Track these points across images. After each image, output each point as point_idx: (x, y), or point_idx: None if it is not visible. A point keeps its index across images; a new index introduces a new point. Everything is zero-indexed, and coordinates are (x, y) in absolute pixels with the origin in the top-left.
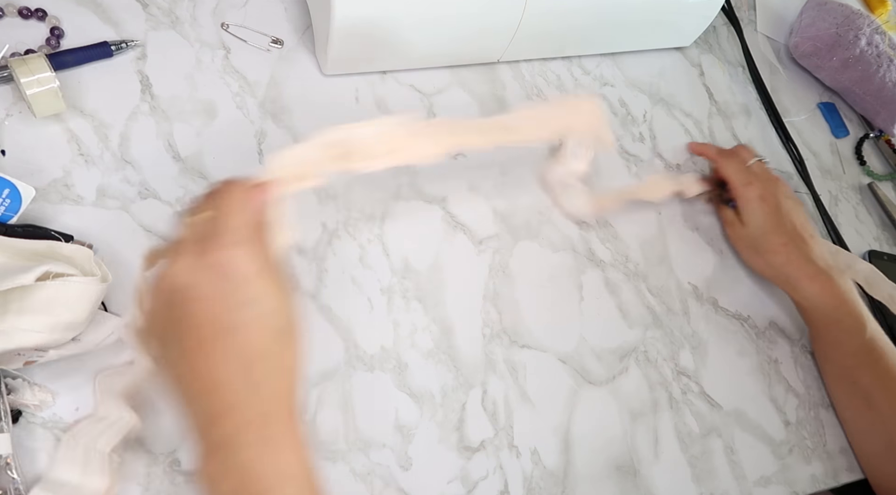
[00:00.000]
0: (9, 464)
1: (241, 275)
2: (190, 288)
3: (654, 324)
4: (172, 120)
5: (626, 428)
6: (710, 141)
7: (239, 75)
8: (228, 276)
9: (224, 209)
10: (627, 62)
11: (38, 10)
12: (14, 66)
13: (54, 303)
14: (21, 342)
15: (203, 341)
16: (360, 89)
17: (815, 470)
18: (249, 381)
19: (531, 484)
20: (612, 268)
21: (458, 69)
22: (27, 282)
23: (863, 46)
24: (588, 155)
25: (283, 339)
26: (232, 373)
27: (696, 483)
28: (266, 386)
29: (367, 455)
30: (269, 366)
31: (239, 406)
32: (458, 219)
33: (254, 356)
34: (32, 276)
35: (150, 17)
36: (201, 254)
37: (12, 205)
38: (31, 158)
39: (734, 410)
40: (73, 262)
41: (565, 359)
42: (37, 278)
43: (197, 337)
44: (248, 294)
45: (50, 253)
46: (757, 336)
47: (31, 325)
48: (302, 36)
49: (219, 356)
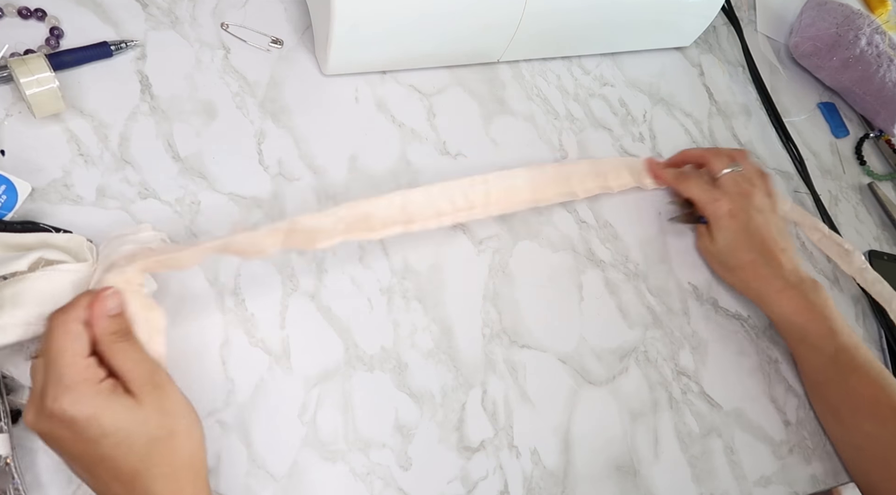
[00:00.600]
0: (8, 465)
1: (80, 419)
2: (45, 436)
3: (654, 324)
4: (172, 120)
5: (626, 428)
6: (710, 141)
7: (239, 75)
8: (69, 424)
9: (51, 353)
10: (627, 62)
11: (37, 10)
12: (13, 66)
13: (47, 293)
14: (18, 336)
15: (84, 471)
16: (359, 89)
17: (815, 470)
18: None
19: (531, 485)
20: (612, 268)
21: (458, 69)
22: (21, 267)
23: (863, 46)
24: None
25: (160, 444)
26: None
27: (696, 483)
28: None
29: (367, 455)
30: (151, 477)
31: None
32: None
33: (131, 475)
34: (26, 262)
35: (149, 17)
36: (40, 408)
37: (8, 201)
38: (30, 158)
39: (734, 410)
40: (68, 251)
41: (565, 359)
42: (30, 264)
43: (79, 467)
44: (95, 431)
45: (43, 244)
46: (757, 336)
47: (24, 318)
48: (302, 36)
49: (100, 483)
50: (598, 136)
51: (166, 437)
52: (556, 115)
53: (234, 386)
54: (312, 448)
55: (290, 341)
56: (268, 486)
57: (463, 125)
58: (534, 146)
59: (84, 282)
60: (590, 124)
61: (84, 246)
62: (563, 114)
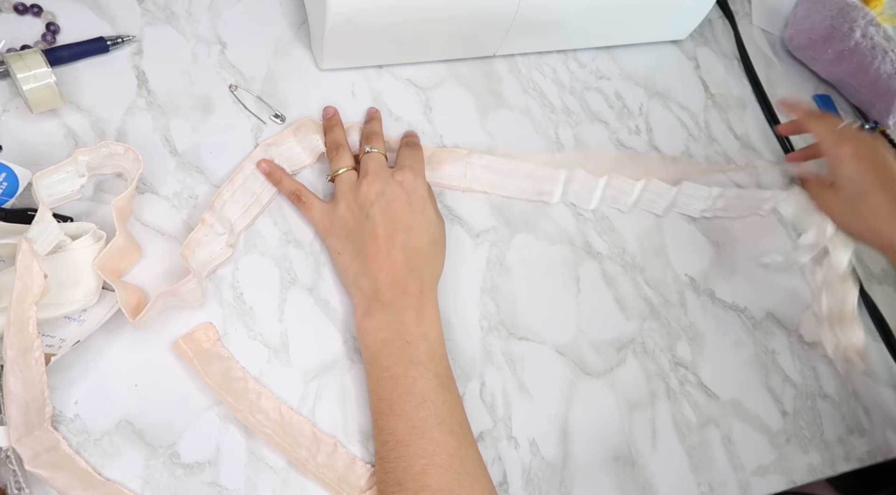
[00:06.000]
0: (8, 457)
1: (418, 192)
2: (382, 194)
3: (652, 315)
4: (169, 115)
5: (624, 419)
6: (706, 134)
7: (235, 70)
8: (409, 191)
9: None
10: (623, 55)
11: (33, 6)
12: (10, 61)
13: (83, 267)
14: (65, 310)
15: (388, 233)
16: (356, 83)
17: (812, 459)
18: (412, 267)
19: (530, 475)
20: (610, 261)
21: (454, 63)
22: (58, 238)
23: (857, 39)
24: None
25: (435, 245)
26: (401, 259)
27: (693, 473)
28: (423, 273)
29: (367, 447)
30: (425, 259)
31: (402, 283)
32: (455, 212)
33: (417, 250)
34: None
35: (145, 13)
36: (394, 174)
37: (9, 188)
38: (28, 153)
39: (731, 401)
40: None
41: (563, 350)
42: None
43: (382, 230)
44: (421, 206)
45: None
46: (754, 327)
47: (73, 296)
48: (298, 31)
49: (395, 246)
50: (594, 130)
51: (439, 243)
52: (553, 109)
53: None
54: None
55: (289, 334)
56: (267, 478)
57: (459, 119)
58: (530, 140)
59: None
60: (586, 118)
61: (94, 230)
62: (560, 107)
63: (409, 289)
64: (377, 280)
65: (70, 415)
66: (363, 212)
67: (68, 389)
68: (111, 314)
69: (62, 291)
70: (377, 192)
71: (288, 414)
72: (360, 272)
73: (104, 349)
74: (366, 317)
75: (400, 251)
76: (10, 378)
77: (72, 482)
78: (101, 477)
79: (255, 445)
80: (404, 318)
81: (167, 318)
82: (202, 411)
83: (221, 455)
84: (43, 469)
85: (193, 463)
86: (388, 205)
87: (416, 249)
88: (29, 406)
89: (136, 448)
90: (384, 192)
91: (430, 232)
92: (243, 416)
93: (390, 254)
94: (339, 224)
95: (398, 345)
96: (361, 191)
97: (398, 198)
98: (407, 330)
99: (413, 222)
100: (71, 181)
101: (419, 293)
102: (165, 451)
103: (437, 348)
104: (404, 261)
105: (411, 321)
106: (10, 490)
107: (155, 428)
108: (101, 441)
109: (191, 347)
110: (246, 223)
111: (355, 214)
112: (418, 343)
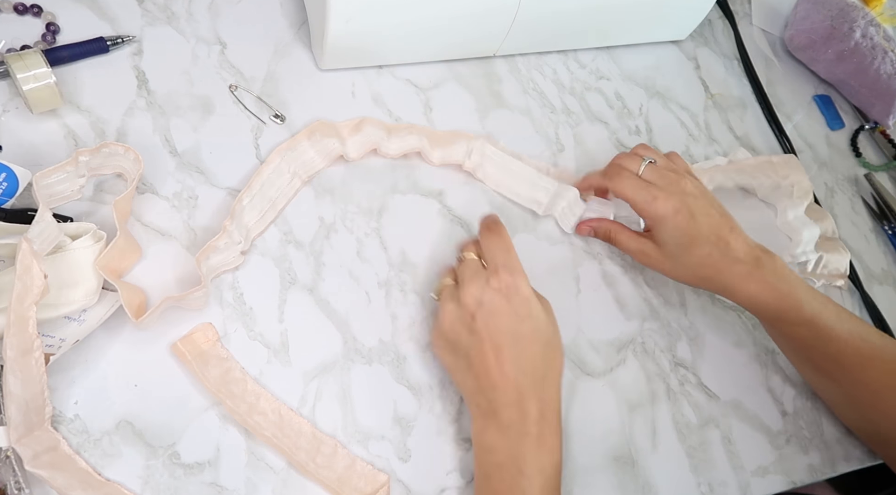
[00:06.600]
0: (8, 457)
1: (522, 295)
2: (485, 304)
3: (652, 315)
4: (169, 115)
5: (624, 420)
6: (706, 134)
7: (235, 70)
8: (512, 297)
9: (504, 245)
10: (623, 56)
11: (33, 6)
12: (10, 61)
13: (83, 268)
14: (65, 310)
15: (495, 347)
16: (356, 84)
17: (812, 459)
18: (529, 382)
19: None
20: (609, 261)
21: (454, 63)
22: (58, 238)
23: (857, 39)
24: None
25: (549, 347)
26: (515, 374)
27: (693, 473)
28: (542, 389)
29: (367, 447)
30: (542, 370)
31: (521, 402)
32: (454, 213)
33: (532, 360)
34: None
35: (145, 13)
36: (489, 280)
37: (9, 188)
38: (28, 153)
39: (731, 401)
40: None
41: (563, 350)
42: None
43: (491, 343)
44: (527, 310)
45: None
46: (753, 327)
47: (73, 296)
48: (298, 31)
49: (505, 360)
50: (594, 130)
51: (555, 346)
52: (553, 109)
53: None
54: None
55: (289, 334)
56: (267, 478)
57: (459, 119)
58: (530, 140)
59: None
60: (586, 118)
61: (94, 230)
62: (560, 107)
63: (528, 412)
64: (493, 400)
65: (70, 415)
66: (465, 327)
67: (68, 389)
68: (111, 314)
69: (62, 291)
70: (476, 302)
71: (287, 415)
72: (476, 390)
73: (104, 349)
74: (483, 433)
75: (512, 365)
76: (9, 378)
77: (72, 482)
78: (101, 478)
79: (255, 445)
80: (522, 447)
81: (167, 319)
82: (202, 411)
83: (221, 455)
84: (43, 469)
85: (193, 464)
86: (490, 316)
87: (530, 360)
88: (29, 406)
89: (136, 448)
90: (483, 303)
91: (541, 336)
92: (242, 419)
93: (502, 371)
94: (443, 339)
95: (511, 473)
96: (461, 302)
97: (499, 307)
98: (523, 460)
99: (520, 331)
100: (71, 181)
101: (540, 416)
102: (165, 451)
103: (552, 482)
104: (519, 375)
105: (529, 451)
106: (9, 490)
107: (155, 428)
108: (100, 441)
109: (189, 349)
110: (261, 229)
111: (457, 329)
112: (533, 477)
